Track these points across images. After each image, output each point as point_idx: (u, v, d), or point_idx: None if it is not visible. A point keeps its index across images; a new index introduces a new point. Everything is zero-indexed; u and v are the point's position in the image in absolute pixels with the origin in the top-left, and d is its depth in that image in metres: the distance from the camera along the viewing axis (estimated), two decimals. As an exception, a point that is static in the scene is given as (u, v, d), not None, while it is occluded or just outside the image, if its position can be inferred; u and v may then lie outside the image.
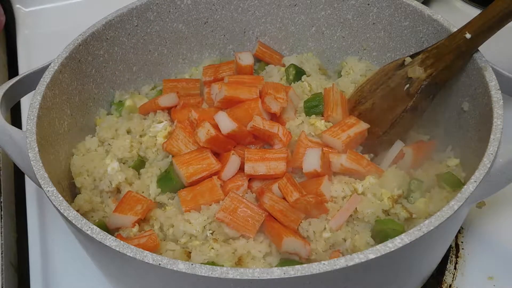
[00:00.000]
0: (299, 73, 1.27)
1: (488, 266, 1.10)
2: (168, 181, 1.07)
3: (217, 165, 1.05)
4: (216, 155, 1.07)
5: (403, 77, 1.09)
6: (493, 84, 0.95)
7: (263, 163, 1.03)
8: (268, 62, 1.34)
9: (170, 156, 1.12)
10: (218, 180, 1.04)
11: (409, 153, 1.07)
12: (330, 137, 1.07)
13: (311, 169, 1.02)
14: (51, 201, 0.85)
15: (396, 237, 0.75)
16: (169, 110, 1.21)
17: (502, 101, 0.92)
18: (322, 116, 1.16)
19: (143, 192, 1.08)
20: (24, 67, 1.59)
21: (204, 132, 1.04)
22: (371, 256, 0.73)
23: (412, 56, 1.09)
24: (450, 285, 1.08)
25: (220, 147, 1.07)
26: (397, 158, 1.09)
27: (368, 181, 1.03)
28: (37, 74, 1.05)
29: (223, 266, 0.91)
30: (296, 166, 1.05)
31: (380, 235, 0.96)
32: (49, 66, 1.06)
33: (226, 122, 1.05)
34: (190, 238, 0.99)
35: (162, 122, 1.18)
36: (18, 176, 1.41)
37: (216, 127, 1.05)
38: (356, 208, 0.98)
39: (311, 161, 1.02)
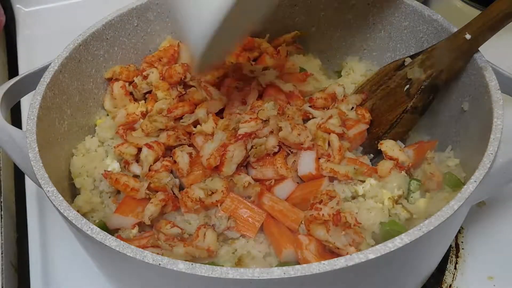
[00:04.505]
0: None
1: (488, 266, 1.10)
2: (168, 181, 1.07)
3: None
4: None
5: (403, 77, 1.09)
6: (493, 84, 0.95)
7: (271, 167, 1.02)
8: (268, 62, 1.33)
9: (170, 156, 1.11)
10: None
11: (409, 153, 1.07)
12: (330, 138, 1.07)
13: (306, 172, 1.01)
14: (51, 201, 0.85)
15: (396, 237, 0.74)
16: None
17: (502, 101, 0.92)
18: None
19: (143, 193, 1.08)
20: (24, 67, 1.59)
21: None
22: (371, 256, 0.73)
23: (412, 57, 1.09)
24: (450, 285, 1.08)
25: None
26: (397, 159, 1.09)
27: (369, 182, 1.02)
28: (37, 74, 1.05)
29: (223, 266, 0.91)
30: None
31: (383, 237, 0.96)
32: (49, 66, 1.05)
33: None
34: (190, 238, 0.99)
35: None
36: (18, 176, 1.40)
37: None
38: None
39: (306, 164, 1.01)
